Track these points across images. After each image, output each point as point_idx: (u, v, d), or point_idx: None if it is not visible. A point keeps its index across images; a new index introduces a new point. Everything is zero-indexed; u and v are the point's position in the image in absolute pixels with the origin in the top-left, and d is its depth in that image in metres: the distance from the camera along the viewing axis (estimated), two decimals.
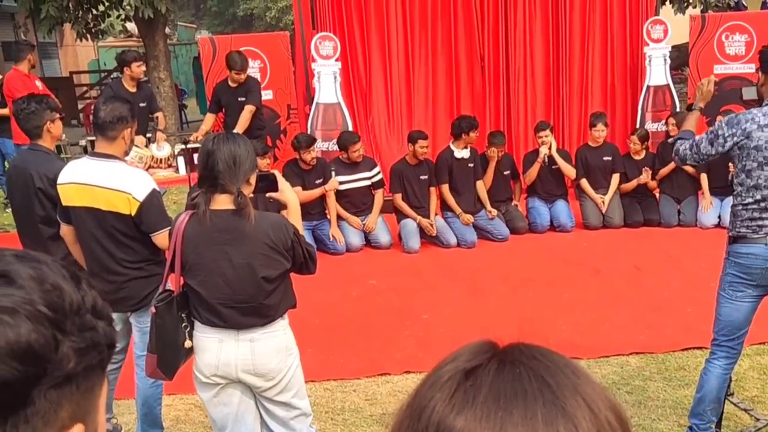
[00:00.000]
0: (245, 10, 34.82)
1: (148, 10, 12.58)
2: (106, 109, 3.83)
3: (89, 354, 0.80)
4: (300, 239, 3.27)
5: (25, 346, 0.73)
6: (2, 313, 0.73)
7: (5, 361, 0.72)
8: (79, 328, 0.79)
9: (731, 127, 3.80)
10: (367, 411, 4.69)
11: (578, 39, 10.50)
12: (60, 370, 0.76)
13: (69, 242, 4.08)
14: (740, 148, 3.79)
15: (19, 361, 0.73)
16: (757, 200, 3.77)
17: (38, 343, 0.74)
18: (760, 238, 3.77)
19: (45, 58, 24.90)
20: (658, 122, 9.93)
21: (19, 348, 0.73)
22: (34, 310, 0.75)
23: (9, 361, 0.72)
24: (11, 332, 0.73)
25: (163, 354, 3.30)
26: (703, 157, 3.95)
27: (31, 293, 0.76)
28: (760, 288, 3.84)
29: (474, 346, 0.83)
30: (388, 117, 10.38)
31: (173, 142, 10.07)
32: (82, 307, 0.80)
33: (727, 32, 10.10)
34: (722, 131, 3.82)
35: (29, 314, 0.75)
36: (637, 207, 8.75)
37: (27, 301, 0.75)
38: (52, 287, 0.78)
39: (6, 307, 0.74)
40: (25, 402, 0.74)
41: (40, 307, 0.76)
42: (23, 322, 0.74)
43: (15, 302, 0.75)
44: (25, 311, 0.75)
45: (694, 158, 3.98)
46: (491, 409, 0.74)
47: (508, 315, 6.07)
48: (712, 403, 4.01)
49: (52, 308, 0.77)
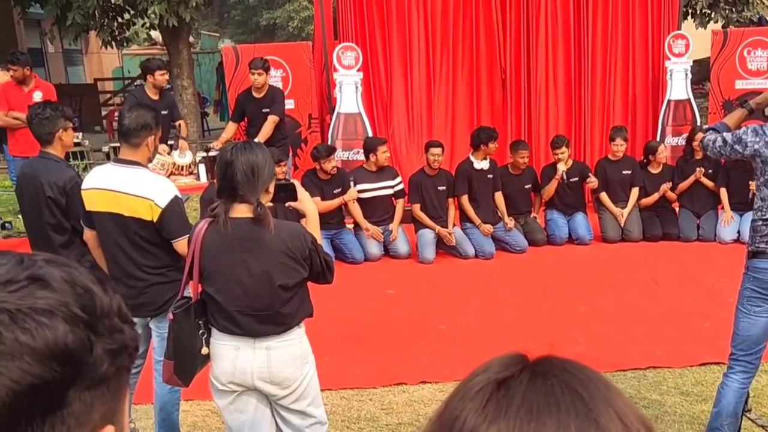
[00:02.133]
0: (268, 20, 34.95)
1: (172, 18, 12.68)
2: (131, 116, 3.88)
3: (120, 356, 0.81)
4: (318, 248, 3.29)
5: (62, 347, 0.74)
6: (40, 315, 0.74)
7: (44, 362, 0.73)
8: (110, 330, 0.80)
9: (756, 135, 3.82)
10: (382, 420, 4.70)
11: (600, 52, 10.49)
12: (94, 372, 0.77)
13: (92, 247, 4.12)
14: (763, 161, 3.80)
15: (58, 362, 0.74)
16: None
17: (74, 345, 0.75)
18: None
19: (70, 65, 25.18)
20: (678, 136, 9.90)
21: (56, 349, 0.74)
22: (69, 312, 0.76)
23: (48, 362, 0.73)
24: (49, 334, 0.74)
25: (180, 360, 3.33)
26: (722, 154, 3.99)
27: (65, 296, 0.77)
28: None
29: (504, 358, 0.82)
30: (408, 128, 10.40)
31: (195, 149, 10.13)
32: (111, 310, 0.81)
33: (749, 47, 10.07)
34: (746, 137, 3.85)
35: (65, 316, 0.76)
36: (656, 221, 8.72)
37: (62, 304, 0.76)
38: (83, 290, 0.79)
39: (43, 310, 0.75)
40: (62, 403, 0.75)
41: (75, 309, 0.77)
42: (60, 323, 0.75)
43: (51, 305, 0.76)
44: (61, 313, 0.76)
45: (713, 151, 4.02)
46: (524, 420, 0.74)
47: (524, 327, 6.06)
48: (729, 417, 3.99)
49: (86, 311, 0.78)
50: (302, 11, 32.01)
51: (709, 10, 15.62)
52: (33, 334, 0.73)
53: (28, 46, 20.87)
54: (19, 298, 0.75)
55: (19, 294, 0.76)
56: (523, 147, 8.72)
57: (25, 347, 0.73)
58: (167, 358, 3.37)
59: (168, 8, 12.50)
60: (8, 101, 8.38)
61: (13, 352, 0.72)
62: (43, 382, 0.73)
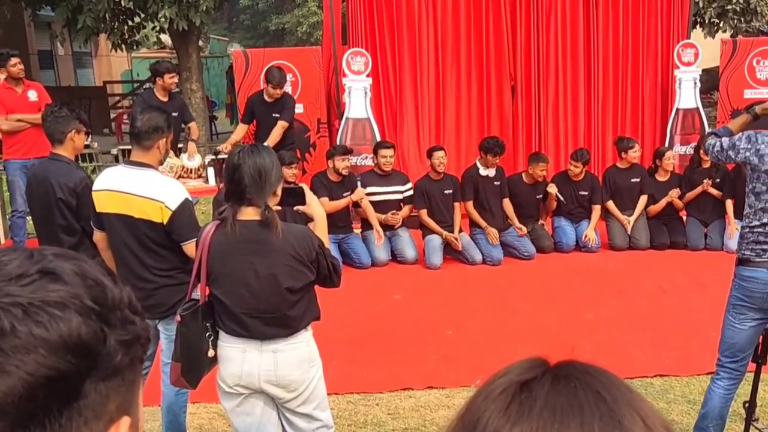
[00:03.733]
0: (277, 25, 34.98)
1: (182, 22, 12.72)
2: (143, 119, 3.89)
3: (133, 347, 0.82)
4: (325, 251, 3.29)
5: (76, 338, 0.75)
6: (53, 308, 0.75)
7: (60, 354, 0.73)
8: (122, 322, 0.81)
9: (749, 141, 3.86)
10: (389, 425, 4.70)
11: (609, 60, 10.50)
12: (109, 362, 0.78)
13: (101, 248, 4.12)
14: (752, 169, 3.82)
15: (72, 354, 0.74)
16: (764, 223, 3.79)
17: (88, 336, 0.76)
18: (763, 262, 3.79)
19: (79, 68, 25.27)
20: (686, 145, 9.90)
21: (71, 341, 0.74)
22: (81, 304, 0.77)
23: (63, 354, 0.74)
24: (64, 326, 0.74)
25: (188, 363, 3.33)
26: (720, 159, 4.05)
27: (76, 288, 0.78)
28: (762, 312, 3.85)
29: (526, 362, 0.82)
30: (417, 133, 10.41)
31: (203, 152, 10.16)
32: (122, 301, 0.82)
33: (758, 57, 10.07)
34: (740, 143, 3.90)
35: (77, 308, 0.76)
36: (663, 229, 8.72)
37: (74, 296, 0.77)
38: (94, 282, 0.80)
39: (56, 302, 0.75)
40: (78, 395, 0.76)
41: (87, 301, 0.77)
42: (73, 316, 0.75)
43: (63, 297, 0.76)
44: (74, 305, 0.76)
45: (713, 154, 4.07)
46: (547, 422, 0.74)
47: (532, 333, 6.06)
48: (715, 420, 4.06)
49: (98, 302, 0.78)
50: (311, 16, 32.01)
51: (718, 20, 15.61)
52: (47, 327, 0.74)
53: (39, 48, 20.98)
54: (31, 292, 0.76)
55: (31, 288, 0.76)
56: (543, 160, 8.67)
57: (39, 340, 0.73)
58: (175, 360, 3.37)
59: (178, 12, 12.54)
60: (4, 104, 8.18)
61: (28, 345, 0.73)
62: (59, 374, 0.74)
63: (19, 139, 8.17)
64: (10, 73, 8.22)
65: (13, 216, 8.48)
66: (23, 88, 8.33)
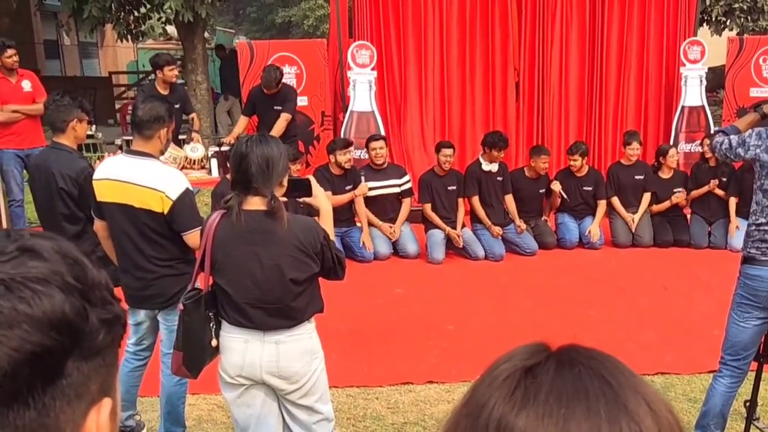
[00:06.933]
0: (283, 18, 34.99)
1: (188, 14, 12.69)
2: (144, 108, 3.88)
3: (115, 326, 0.81)
4: (330, 244, 3.29)
5: (60, 315, 0.74)
6: (35, 284, 0.74)
7: (43, 330, 0.73)
8: (102, 301, 0.80)
9: (759, 138, 3.85)
10: (388, 419, 4.69)
11: (614, 56, 10.48)
12: (91, 341, 0.77)
13: (101, 238, 4.11)
14: (762, 166, 3.80)
15: (56, 330, 0.73)
16: None
17: (72, 313, 0.75)
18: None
19: (85, 58, 25.27)
20: (691, 143, 9.87)
21: (55, 317, 0.74)
22: (63, 281, 0.76)
23: (47, 330, 0.73)
24: (47, 302, 0.74)
25: (189, 352, 3.32)
26: (728, 157, 4.03)
27: (57, 265, 0.77)
28: (767, 311, 3.82)
29: (528, 347, 0.83)
30: (421, 127, 10.41)
31: (207, 144, 10.14)
32: (100, 282, 0.81)
33: (764, 56, 10.04)
34: (750, 140, 3.88)
35: (60, 285, 0.75)
36: (667, 227, 8.69)
37: (55, 273, 0.76)
38: (74, 261, 0.79)
39: (38, 278, 0.75)
40: (62, 373, 0.75)
41: (68, 278, 0.77)
42: (56, 292, 0.75)
43: (44, 274, 0.75)
44: (56, 282, 0.75)
45: (721, 152, 4.06)
46: (553, 407, 0.74)
47: (533, 330, 6.03)
48: (716, 417, 4.05)
49: (79, 280, 0.77)
50: (318, 9, 32.02)
51: (725, 18, 15.60)
52: (30, 303, 0.73)
53: (44, 37, 20.97)
54: (11, 268, 0.75)
55: (11, 264, 0.75)
56: (544, 153, 8.66)
57: (22, 315, 0.72)
58: (176, 349, 3.36)
59: (184, 3, 12.51)
60: None
61: (12, 320, 0.72)
62: (43, 350, 0.73)
63: (14, 130, 8.15)
64: (5, 64, 8.16)
65: (11, 206, 8.46)
66: (17, 78, 8.28)
